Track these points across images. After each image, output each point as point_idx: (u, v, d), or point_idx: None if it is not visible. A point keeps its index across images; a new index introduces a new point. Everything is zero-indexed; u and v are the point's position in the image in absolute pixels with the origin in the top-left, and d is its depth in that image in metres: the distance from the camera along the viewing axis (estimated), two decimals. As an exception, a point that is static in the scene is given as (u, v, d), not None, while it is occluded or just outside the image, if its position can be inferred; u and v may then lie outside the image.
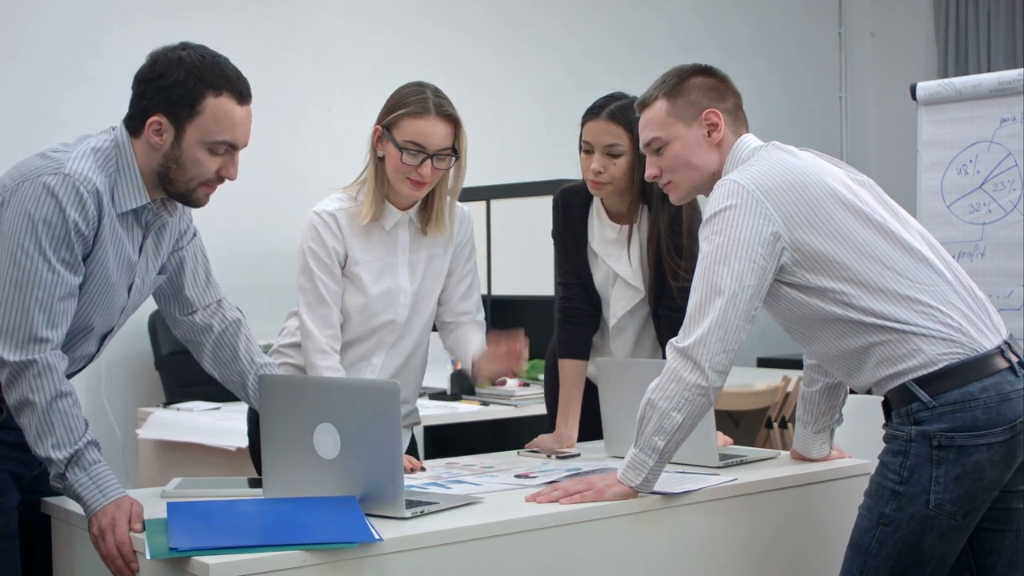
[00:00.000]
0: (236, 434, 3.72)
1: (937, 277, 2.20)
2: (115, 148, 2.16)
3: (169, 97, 2.12)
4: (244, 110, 2.17)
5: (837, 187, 2.22)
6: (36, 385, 2.03)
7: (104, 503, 2.02)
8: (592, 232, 2.97)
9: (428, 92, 2.65)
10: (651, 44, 6.58)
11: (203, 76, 2.12)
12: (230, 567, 1.79)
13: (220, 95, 2.13)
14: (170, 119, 2.13)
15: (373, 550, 1.91)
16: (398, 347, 2.81)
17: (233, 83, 2.15)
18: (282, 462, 2.14)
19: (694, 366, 2.18)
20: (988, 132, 4.09)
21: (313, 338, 2.68)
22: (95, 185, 2.09)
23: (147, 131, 2.14)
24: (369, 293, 2.73)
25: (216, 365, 2.45)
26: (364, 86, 5.53)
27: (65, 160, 2.10)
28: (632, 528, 2.24)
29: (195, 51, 2.15)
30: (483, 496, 2.26)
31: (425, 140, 2.61)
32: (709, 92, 2.36)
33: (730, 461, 2.61)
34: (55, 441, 2.02)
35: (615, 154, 2.80)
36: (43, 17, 4.84)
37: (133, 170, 2.16)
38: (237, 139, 2.17)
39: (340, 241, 2.70)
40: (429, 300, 2.82)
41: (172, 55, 2.14)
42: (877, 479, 2.19)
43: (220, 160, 2.17)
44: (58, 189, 2.05)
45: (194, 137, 2.13)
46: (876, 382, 2.20)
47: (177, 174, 2.16)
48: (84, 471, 2.03)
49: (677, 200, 2.45)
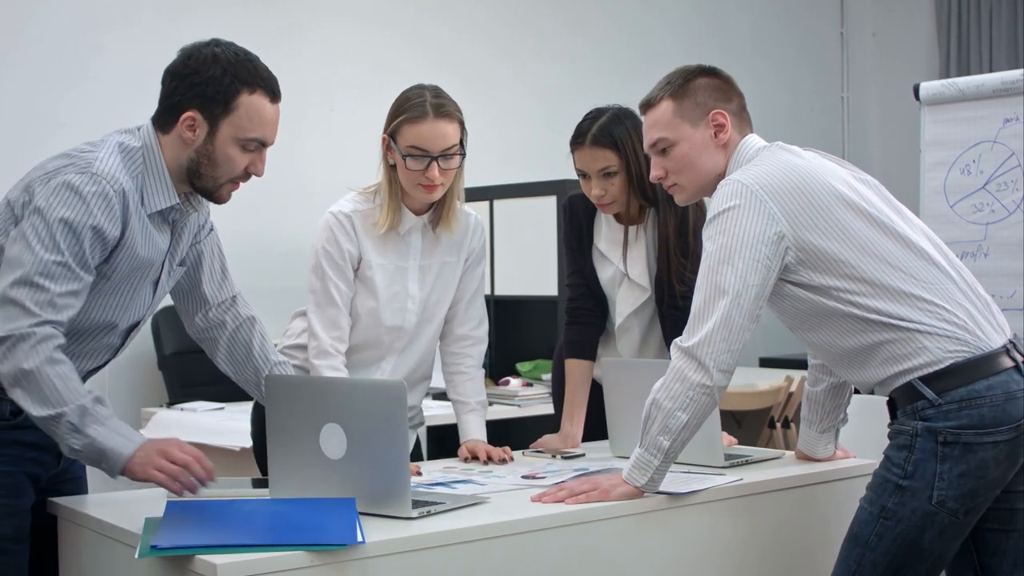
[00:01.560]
0: (240, 434, 3.72)
1: (942, 275, 2.20)
2: (142, 148, 2.17)
3: (204, 93, 2.13)
4: (275, 108, 2.20)
5: (840, 187, 2.22)
6: (31, 353, 1.99)
7: (133, 448, 2.00)
8: (599, 233, 2.98)
9: (427, 94, 2.64)
10: (653, 44, 6.58)
11: (238, 73, 2.14)
12: (238, 567, 1.79)
13: (254, 92, 2.16)
14: (204, 115, 2.14)
15: (380, 550, 1.91)
16: (408, 353, 2.81)
17: (266, 81, 2.18)
18: (288, 462, 2.14)
19: (698, 366, 2.18)
20: (991, 132, 4.09)
21: (318, 339, 2.69)
22: (122, 185, 2.11)
23: (180, 126, 2.15)
24: (380, 297, 2.73)
25: (230, 363, 2.46)
26: (365, 86, 5.53)
27: (92, 159, 2.11)
28: (638, 528, 2.24)
29: (228, 48, 2.17)
30: (489, 496, 2.26)
31: (426, 144, 2.61)
32: (715, 93, 2.36)
33: (735, 461, 2.61)
34: (60, 400, 1.99)
35: (610, 174, 2.82)
36: (43, 16, 4.83)
37: (161, 170, 2.18)
38: (268, 136, 2.20)
39: (354, 243, 2.70)
40: (440, 307, 2.82)
41: (206, 51, 2.15)
42: (881, 473, 2.19)
43: (250, 157, 2.19)
44: (85, 188, 2.07)
45: (228, 133, 2.15)
46: (881, 380, 2.20)
47: (208, 170, 2.18)
48: (101, 424, 2.01)
49: (683, 201, 2.45)
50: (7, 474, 2.16)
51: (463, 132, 2.67)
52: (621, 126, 2.80)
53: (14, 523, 2.17)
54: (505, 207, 5.25)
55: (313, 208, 2.67)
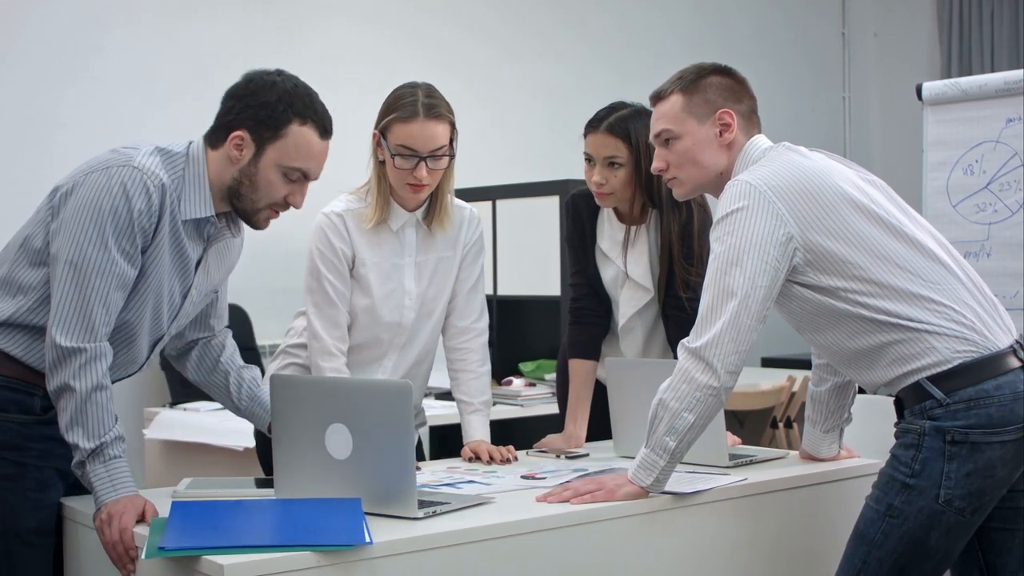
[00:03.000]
0: (243, 434, 3.71)
1: (949, 275, 2.20)
2: (185, 157, 2.23)
3: (257, 116, 2.19)
4: (324, 144, 2.25)
5: (848, 187, 2.22)
6: (81, 373, 2.09)
7: (114, 496, 2.06)
8: (602, 233, 2.98)
9: (419, 93, 2.64)
10: (654, 44, 6.57)
11: (292, 103, 2.20)
12: (245, 567, 1.79)
13: (305, 124, 2.21)
14: (253, 136, 2.20)
15: (386, 550, 1.91)
16: (408, 349, 2.81)
17: (319, 116, 2.23)
18: (294, 462, 2.14)
19: (706, 366, 2.18)
20: (994, 132, 4.09)
21: (320, 339, 2.70)
22: (161, 180, 2.16)
23: (228, 144, 2.21)
24: (375, 295, 2.73)
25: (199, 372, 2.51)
26: (366, 86, 5.49)
27: (133, 155, 2.17)
28: (643, 528, 2.24)
29: (289, 79, 2.24)
30: (494, 496, 2.26)
31: (415, 144, 2.61)
32: (725, 92, 2.36)
33: (740, 461, 2.61)
34: (85, 431, 2.08)
35: (615, 164, 2.81)
36: (43, 15, 4.82)
37: (202, 181, 2.22)
38: (311, 169, 2.25)
39: (347, 242, 2.71)
40: (438, 303, 2.82)
41: (267, 78, 2.22)
42: (887, 471, 2.19)
43: (290, 187, 2.24)
44: (126, 179, 2.13)
45: (272, 158, 2.20)
46: (889, 380, 2.20)
47: (248, 191, 2.23)
48: (103, 464, 2.08)
49: (680, 196, 2.45)
50: (36, 468, 2.20)
51: (453, 132, 2.67)
52: (639, 121, 2.80)
53: (40, 517, 2.21)
54: (507, 207, 5.25)
55: (314, 207, 2.67)
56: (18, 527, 2.18)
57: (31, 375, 2.18)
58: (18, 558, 2.18)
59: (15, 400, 2.19)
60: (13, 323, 2.18)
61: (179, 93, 5.04)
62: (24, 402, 2.19)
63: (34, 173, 4.65)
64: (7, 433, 2.18)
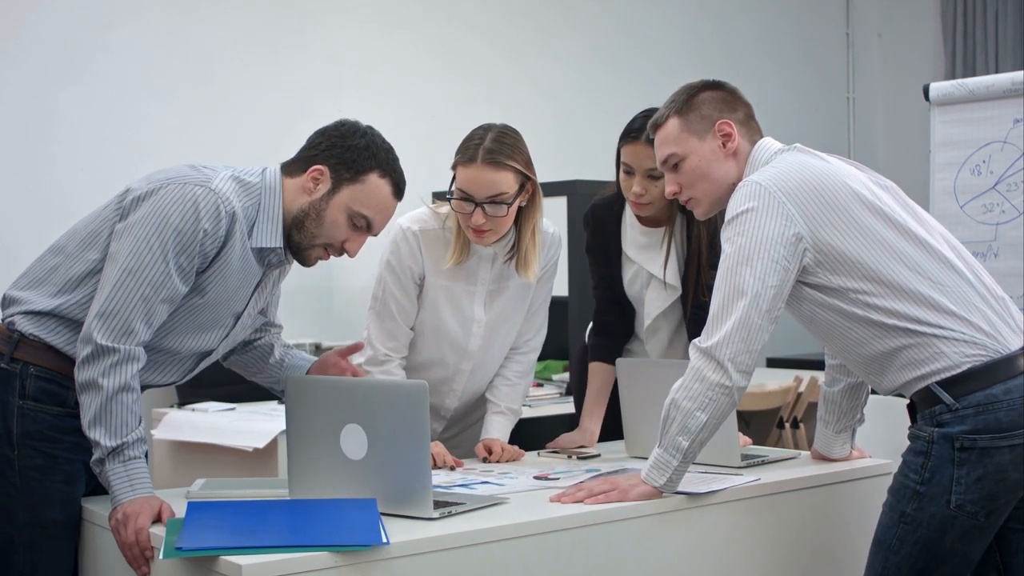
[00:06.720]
0: (252, 435, 3.72)
1: (959, 279, 2.20)
2: (259, 185, 2.27)
3: (341, 156, 2.26)
4: (394, 203, 2.32)
5: (859, 188, 2.23)
6: (111, 372, 2.11)
7: (131, 496, 2.07)
8: (625, 238, 2.97)
9: (486, 137, 2.62)
10: (659, 46, 6.58)
11: (377, 155, 2.28)
12: (263, 568, 1.80)
13: (384, 177, 2.28)
14: (332, 174, 2.26)
15: (403, 550, 1.92)
16: (477, 374, 2.83)
17: (398, 176, 2.31)
18: (308, 463, 2.15)
19: (717, 366, 2.19)
20: (1001, 132, 4.09)
21: (374, 348, 2.75)
22: (234, 207, 2.20)
23: (307, 175, 2.27)
24: (442, 316, 2.75)
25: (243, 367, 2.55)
26: (373, 85, 5.53)
27: (212, 176, 2.21)
28: (657, 528, 2.25)
29: (378, 135, 2.32)
30: (508, 496, 2.27)
31: (471, 188, 2.60)
32: (719, 104, 2.37)
33: (752, 461, 2.61)
34: (107, 429, 2.09)
35: (656, 176, 2.78)
36: (46, 14, 4.82)
37: (276, 212, 2.27)
38: (377, 221, 2.30)
39: (418, 262, 2.72)
40: (506, 326, 2.82)
41: (360, 126, 2.31)
42: (899, 478, 2.19)
43: (351, 233, 2.29)
44: (200, 198, 2.16)
45: (344, 199, 2.26)
46: (901, 385, 2.21)
47: (312, 224, 2.27)
48: (122, 463, 2.09)
49: (702, 216, 2.45)
50: (67, 461, 2.22)
51: (524, 178, 2.63)
52: None
53: (67, 511, 2.22)
54: (514, 208, 5.24)
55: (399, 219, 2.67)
56: (45, 519, 2.19)
57: (69, 367, 2.18)
58: (42, 550, 2.19)
59: (51, 392, 2.20)
60: (60, 315, 2.20)
61: (182, 92, 5.04)
62: (60, 394, 2.21)
63: (35, 173, 4.66)
64: (41, 424, 2.19)
